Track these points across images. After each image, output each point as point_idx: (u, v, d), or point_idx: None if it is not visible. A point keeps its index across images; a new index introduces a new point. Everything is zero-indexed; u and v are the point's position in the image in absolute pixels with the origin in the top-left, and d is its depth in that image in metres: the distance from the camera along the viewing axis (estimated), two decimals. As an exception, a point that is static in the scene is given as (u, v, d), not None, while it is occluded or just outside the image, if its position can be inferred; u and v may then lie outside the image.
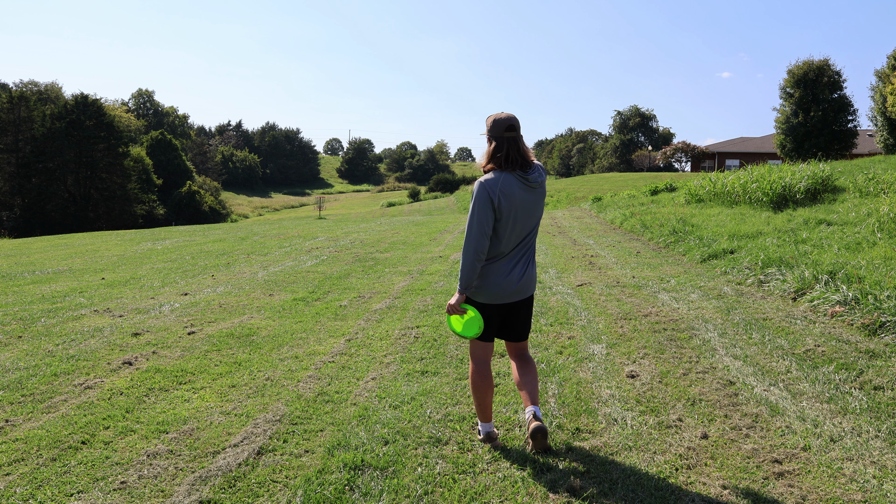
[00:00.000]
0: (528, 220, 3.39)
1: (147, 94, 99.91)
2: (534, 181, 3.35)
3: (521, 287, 3.45)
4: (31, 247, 16.98)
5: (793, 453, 3.39)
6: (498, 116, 3.35)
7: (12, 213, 46.29)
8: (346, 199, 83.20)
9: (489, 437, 3.51)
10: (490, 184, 3.28)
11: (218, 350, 5.42)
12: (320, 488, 3.04)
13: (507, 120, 3.33)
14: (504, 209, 3.27)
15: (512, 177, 3.30)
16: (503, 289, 3.39)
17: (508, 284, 3.40)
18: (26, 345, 5.63)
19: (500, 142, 3.31)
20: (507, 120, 3.33)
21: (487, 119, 3.42)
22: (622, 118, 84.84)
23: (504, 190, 3.27)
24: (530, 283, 3.52)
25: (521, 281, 3.45)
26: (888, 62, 29.05)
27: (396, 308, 7.02)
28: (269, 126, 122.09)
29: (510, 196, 3.28)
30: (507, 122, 3.32)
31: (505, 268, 3.40)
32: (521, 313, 3.54)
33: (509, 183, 3.29)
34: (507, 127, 3.32)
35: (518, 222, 3.34)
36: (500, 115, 3.36)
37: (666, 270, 9.24)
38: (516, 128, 3.34)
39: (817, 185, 13.85)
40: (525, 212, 3.35)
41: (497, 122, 3.33)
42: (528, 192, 3.34)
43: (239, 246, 14.56)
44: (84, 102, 49.19)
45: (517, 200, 3.30)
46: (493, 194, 3.25)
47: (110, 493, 3.05)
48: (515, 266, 3.42)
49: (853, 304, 6.06)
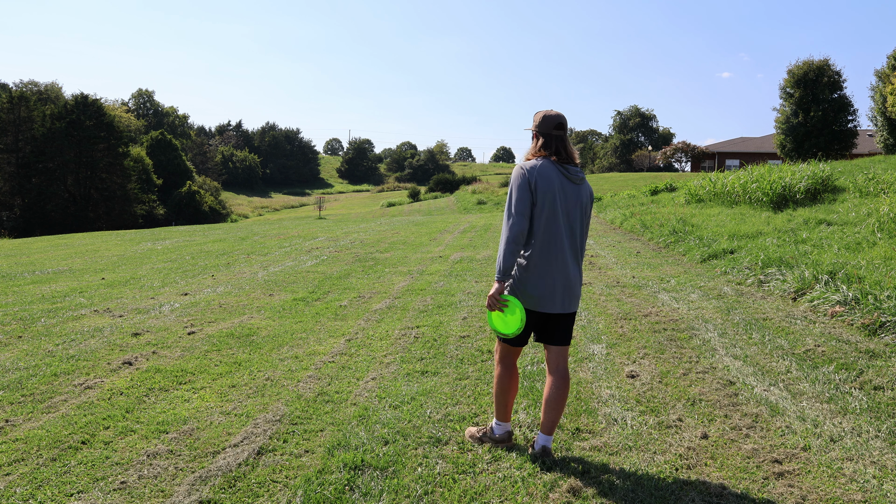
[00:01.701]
0: (570, 213, 3.28)
1: (147, 94, 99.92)
2: (574, 174, 3.29)
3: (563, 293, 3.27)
4: (31, 247, 16.98)
5: (793, 453, 3.39)
6: (548, 113, 3.31)
7: (12, 213, 46.28)
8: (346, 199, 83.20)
9: (507, 436, 3.46)
10: (528, 167, 3.24)
11: (218, 350, 5.42)
12: (320, 488, 3.04)
13: (556, 117, 3.30)
14: (541, 192, 3.18)
15: (551, 164, 3.26)
16: (541, 290, 3.24)
17: (548, 285, 3.24)
18: (26, 345, 5.62)
19: (548, 139, 3.28)
20: (557, 117, 3.30)
21: (536, 115, 3.37)
22: (622, 118, 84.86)
23: (542, 173, 3.21)
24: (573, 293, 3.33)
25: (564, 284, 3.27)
26: (888, 62, 29.07)
27: (396, 308, 7.02)
28: (269, 126, 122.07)
29: (549, 180, 3.20)
30: (556, 119, 3.29)
31: (543, 264, 3.24)
32: (562, 323, 3.38)
33: (548, 168, 3.23)
34: (557, 125, 3.28)
35: (557, 212, 3.23)
36: (550, 112, 3.32)
37: (666, 270, 9.24)
38: (565, 126, 3.31)
39: (817, 185, 13.86)
40: (566, 202, 3.26)
41: (547, 119, 3.29)
42: (569, 184, 3.28)
43: (239, 246, 14.56)
44: (84, 102, 49.18)
45: (556, 187, 3.22)
46: (531, 176, 3.19)
47: (110, 493, 3.05)
48: (556, 264, 3.25)
49: (853, 304, 6.06)
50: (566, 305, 3.31)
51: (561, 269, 3.26)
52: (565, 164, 3.27)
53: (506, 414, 3.45)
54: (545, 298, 3.25)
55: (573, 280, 3.32)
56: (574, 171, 3.29)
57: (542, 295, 3.25)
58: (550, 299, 3.26)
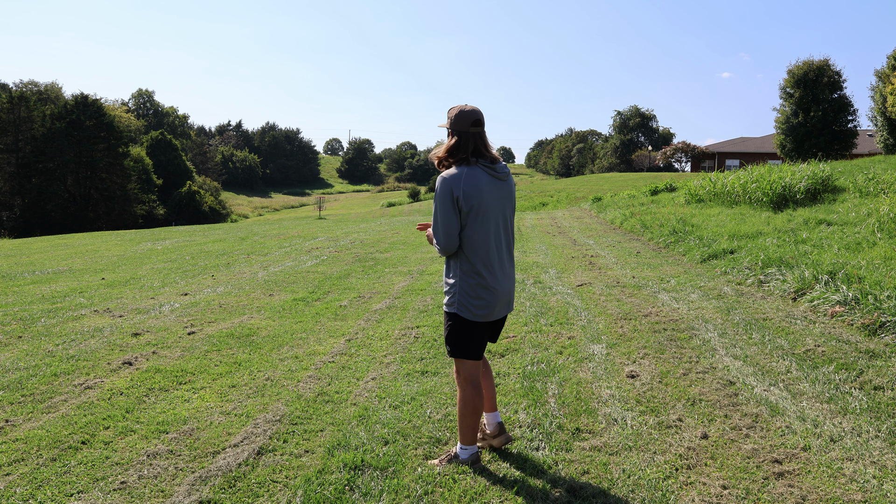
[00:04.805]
0: (503, 214, 3.15)
1: (147, 94, 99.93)
2: (501, 170, 3.11)
3: (508, 295, 3.23)
4: (31, 247, 16.98)
5: (793, 453, 3.39)
6: (463, 108, 3.07)
7: (12, 213, 46.28)
8: (346, 200, 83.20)
9: (476, 458, 3.29)
10: (451, 177, 3.01)
11: (218, 350, 5.41)
12: (320, 488, 3.04)
13: (472, 113, 3.06)
14: (471, 204, 3.00)
15: (477, 169, 3.05)
16: (492, 303, 3.14)
17: (498, 296, 3.16)
18: (26, 345, 5.62)
19: (464, 137, 3.05)
20: (473, 113, 3.06)
21: (450, 110, 3.12)
22: (622, 118, 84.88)
23: (469, 182, 3.00)
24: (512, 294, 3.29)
25: (507, 289, 3.21)
26: (888, 62, 29.06)
27: (396, 308, 7.02)
28: (269, 126, 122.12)
29: (477, 189, 3.01)
30: (473, 115, 3.05)
31: (487, 277, 3.10)
32: (499, 323, 3.38)
33: (474, 176, 3.02)
34: (474, 121, 3.05)
35: (490, 219, 3.07)
36: (466, 108, 3.08)
37: (666, 270, 9.24)
38: (482, 123, 3.09)
39: (817, 185, 13.86)
40: (497, 205, 3.11)
41: (462, 115, 3.05)
42: (497, 183, 3.10)
43: (239, 246, 14.56)
44: (84, 102, 49.19)
45: (486, 193, 3.04)
46: (457, 189, 2.98)
47: (110, 493, 3.05)
48: (499, 272, 3.15)
49: (853, 304, 6.06)
50: (507, 308, 3.29)
51: (502, 276, 3.16)
52: (492, 165, 3.07)
53: (474, 436, 3.27)
54: (495, 308, 3.17)
55: (512, 282, 3.27)
56: (500, 169, 3.11)
57: (492, 306, 3.15)
58: (499, 307, 3.19)
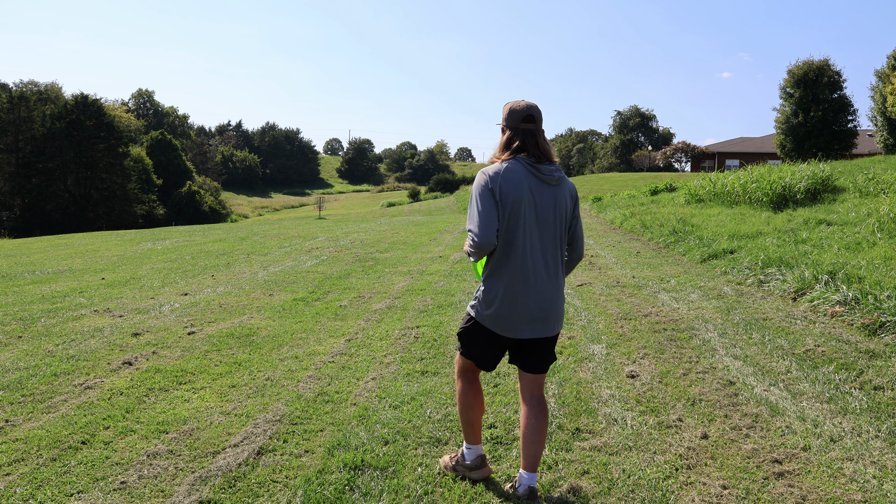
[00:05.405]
0: (545, 220, 2.82)
1: (147, 94, 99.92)
2: (548, 172, 2.81)
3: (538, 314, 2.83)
4: (31, 247, 16.98)
5: (793, 453, 3.39)
6: (516, 104, 2.87)
7: (12, 213, 46.29)
8: (346, 200, 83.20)
9: (479, 462, 3.06)
10: (491, 172, 2.79)
11: (218, 350, 5.42)
12: (320, 488, 3.04)
13: (525, 109, 2.83)
14: (508, 201, 2.75)
15: (520, 166, 2.80)
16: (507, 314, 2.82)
17: (519, 308, 2.81)
18: (26, 345, 5.62)
19: (514, 133, 2.83)
20: (526, 109, 2.83)
21: (504, 106, 2.92)
22: (622, 118, 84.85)
23: (508, 178, 2.76)
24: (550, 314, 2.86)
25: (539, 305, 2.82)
26: (888, 62, 29.07)
27: (396, 308, 7.02)
28: (269, 126, 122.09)
29: (516, 185, 2.76)
30: (524, 111, 2.83)
31: (511, 284, 2.81)
32: (538, 348, 2.93)
33: (515, 171, 2.78)
34: (525, 117, 2.83)
35: (527, 222, 2.79)
36: (518, 104, 2.86)
37: (666, 270, 9.24)
38: (536, 119, 2.84)
39: (817, 185, 13.86)
40: (539, 209, 2.80)
41: (513, 112, 2.85)
42: (543, 186, 2.81)
43: (239, 246, 14.56)
44: (84, 102, 49.19)
45: (526, 192, 2.77)
46: (495, 183, 2.75)
47: (110, 493, 3.05)
48: (527, 284, 2.81)
49: (853, 304, 6.06)
50: (540, 329, 2.86)
51: (533, 288, 2.81)
52: (537, 164, 2.81)
53: (474, 435, 3.06)
54: (513, 322, 2.83)
55: (549, 299, 2.85)
56: (548, 171, 2.82)
57: (510, 318, 2.82)
58: (519, 323, 2.83)
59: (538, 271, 2.82)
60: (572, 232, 2.99)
